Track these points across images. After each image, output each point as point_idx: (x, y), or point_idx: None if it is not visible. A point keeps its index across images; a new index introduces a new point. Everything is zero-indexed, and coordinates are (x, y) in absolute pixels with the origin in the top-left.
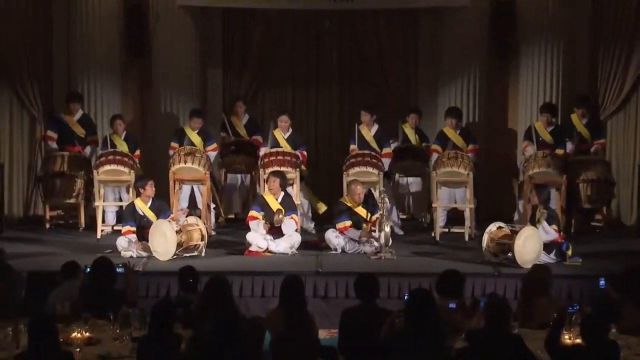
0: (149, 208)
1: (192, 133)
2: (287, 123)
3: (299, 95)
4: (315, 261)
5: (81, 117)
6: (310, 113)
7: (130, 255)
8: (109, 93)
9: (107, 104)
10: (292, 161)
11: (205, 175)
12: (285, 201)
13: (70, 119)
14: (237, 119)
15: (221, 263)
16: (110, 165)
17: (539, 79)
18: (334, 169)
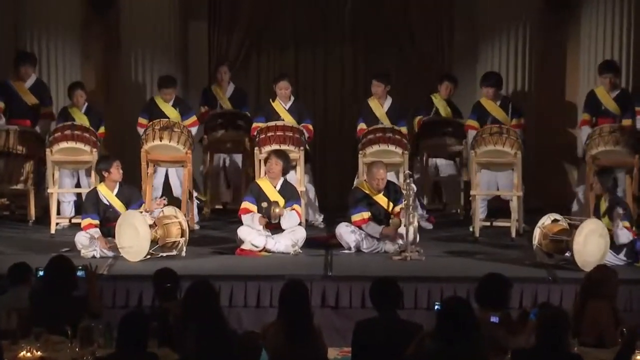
0: (115, 196)
1: (166, 105)
2: (287, 90)
3: (303, 57)
4: (323, 262)
5: (34, 83)
6: (317, 81)
7: (93, 255)
8: (65, 56)
9: (63, 70)
10: (295, 138)
11: (187, 155)
12: (285, 189)
13: (20, 85)
14: (220, 89)
15: (206, 265)
16: (67, 143)
17: (604, 36)
18: (346, 147)
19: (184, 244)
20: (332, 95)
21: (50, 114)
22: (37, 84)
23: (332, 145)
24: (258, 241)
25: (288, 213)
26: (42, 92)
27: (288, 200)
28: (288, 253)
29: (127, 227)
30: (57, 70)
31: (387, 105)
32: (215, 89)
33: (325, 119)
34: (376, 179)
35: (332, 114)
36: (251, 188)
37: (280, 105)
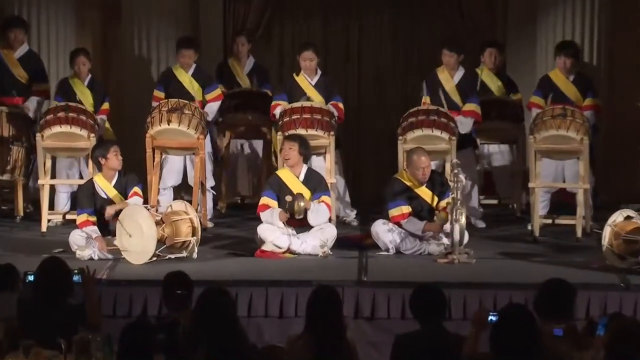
0: (113, 187)
1: (184, 74)
2: (313, 61)
3: (333, 28)
4: (357, 266)
5: (26, 54)
6: (350, 55)
7: (90, 256)
8: (58, 26)
9: (55, 40)
10: (325, 121)
11: (199, 140)
12: (310, 178)
13: (8, 55)
14: (237, 64)
15: (221, 268)
16: (61, 126)
17: None
18: (384, 131)
19: (195, 244)
20: (367, 73)
21: (44, 92)
22: (28, 55)
23: (366, 129)
24: (281, 241)
25: (315, 206)
26: (34, 66)
27: (314, 191)
28: (316, 255)
29: (130, 224)
30: (48, 42)
31: (458, 77)
32: (232, 63)
33: (358, 99)
34: (420, 168)
35: (366, 94)
36: (270, 181)
37: (305, 79)
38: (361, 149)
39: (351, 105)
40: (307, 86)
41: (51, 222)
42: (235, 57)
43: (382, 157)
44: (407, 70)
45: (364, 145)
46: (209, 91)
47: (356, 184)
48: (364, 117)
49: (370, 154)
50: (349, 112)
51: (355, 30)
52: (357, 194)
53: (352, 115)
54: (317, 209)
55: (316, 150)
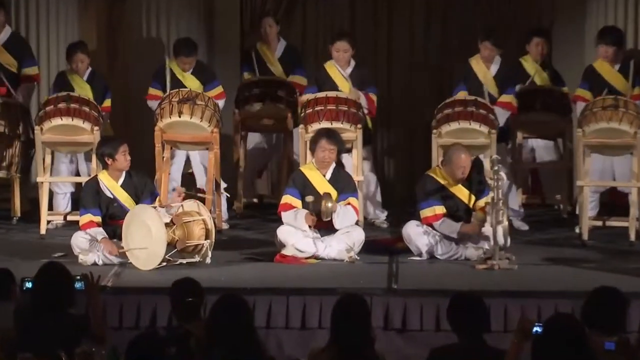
0: (121, 187)
1: (184, 74)
2: (347, 53)
3: (361, 11)
4: (387, 272)
5: (10, 38)
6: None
7: (94, 261)
8: (59, 4)
9: (56, 26)
10: (351, 113)
11: (213, 134)
12: (338, 178)
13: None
14: (267, 48)
15: (237, 274)
16: (62, 119)
17: None
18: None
19: (209, 248)
20: (399, 60)
21: (34, 77)
22: (13, 39)
23: (397, 121)
24: (304, 245)
25: (342, 209)
26: (21, 50)
27: (341, 192)
28: (342, 260)
29: (138, 226)
30: (48, 26)
31: (496, 68)
32: (261, 49)
33: (389, 89)
34: (460, 168)
35: (397, 83)
36: (294, 178)
37: (336, 70)
38: (392, 144)
39: (380, 95)
40: (339, 77)
41: (51, 223)
42: (264, 41)
43: (415, 153)
44: (443, 56)
45: (395, 140)
46: (210, 88)
47: (387, 182)
48: (395, 109)
49: (402, 150)
50: (378, 103)
51: (385, 15)
52: (388, 194)
53: (382, 107)
54: (344, 212)
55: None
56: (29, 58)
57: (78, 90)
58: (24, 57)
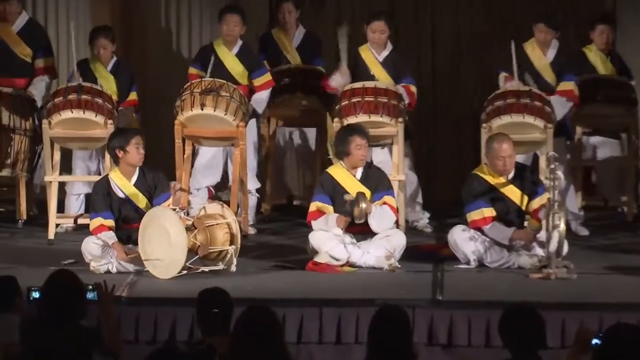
0: (134, 185)
1: (227, 53)
2: (384, 34)
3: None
4: (431, 282)
5: (25, 25)
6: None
7: (107, 269)
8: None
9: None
10: (391, 105)
11: (239, 129)
12: (369, 176)
13: (4, 28)
14: (284, 36)
15: (266, 284)
16: (72, 111)
17: None
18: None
19: (234, 255)
20: (442, 46)
21: (48, 69)
22: (29, 27)
23: (442, 114)
24: (338, 251)
25: (378, 209)
26: (36, 38)
27: (375, 190)
28: (381, 268)
29: (155, 230)
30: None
31: (553, 54)
32: (277, 36)
33: (432, 77)
34: (500, 158)
35: (442, 70)
36: (321, 182)
37: (371, 54)
38: (435, 139)
39: (423, 84)
40: (373, 62)
41: (60, 227)
42: (281, 27)
43: (461, 149)
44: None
45: (439, 135)
46: (257, 75)
47: (430, 181)
48: (440, 100)
49: (446, 146)
50: (421, 93)
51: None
52: (430, 195)
53: (425, 98)
54: (380, 213)
55: (380, 141)
56: (43, 48)
57: (101, 81)
58: (39, 46)
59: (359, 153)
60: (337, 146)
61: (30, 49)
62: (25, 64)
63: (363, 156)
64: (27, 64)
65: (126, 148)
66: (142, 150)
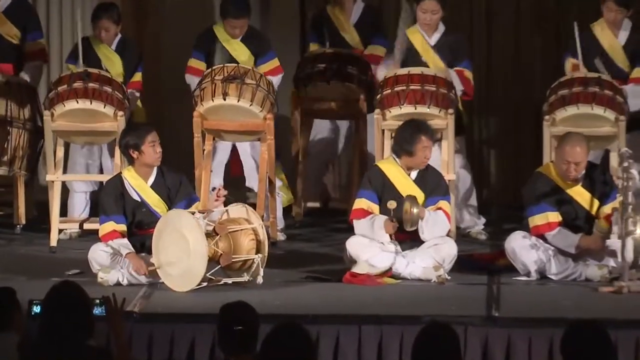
0: (151, 187)
1: (232, 42)
2: (436, 15)
3: None
4: (485, 296)
5: (12, 3)
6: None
7: (117, 280)
8: None
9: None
10: (440, 94)
11: (266, 122)
12: (425, 177)
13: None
14: (340, 12)
15: (297, 298)
16: (78, 101)
17: None
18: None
19: (260, 265)
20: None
21: (39, 53)
22: (15, 4)
23: (499, 105)
24: (380, 260)
25: (431, 215)
26: (24, 17)
27: (430, 194)
28: (429, 280)
29: (171, 237)
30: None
31: (625, 35)
32: (332, 12)
33: (488, 62)
34: (566, 162)
35: (499, 55)
36: (370, 177)
37: (421, 38)
38: (491, 133)
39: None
40: (423, 45)
41: (64, 233)
42: (335, 2)
43: (521, 145)
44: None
45: (496, 129)
46: (263, 61)
47: (485, 182)
48: (496, 88)
49: (504, 141)
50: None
51: None
52: (486, 197)
53: (478, 86)
54: (434, 219)
55: None
56: (33, 29)
57: (104, 61)
58: (27, 27)
59: (422, 155)
60: (398, 142)
61: (18, 30)
62: (13, 47)
63: (427, 158)
64: (14, 48)
65: (141, 147)
66: (158, 149)
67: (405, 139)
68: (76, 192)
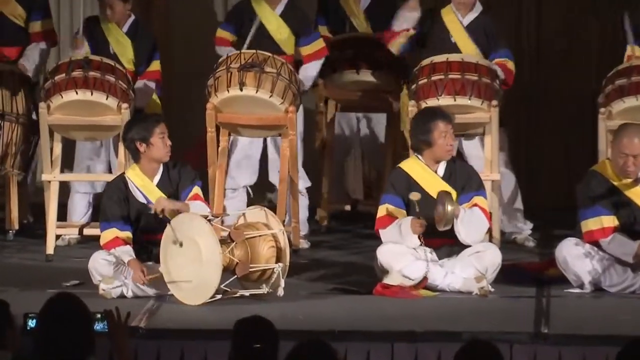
0: (157, 186)
1: (270, 13)
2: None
3: None
4: (534, 310)
5: None
6: None
7: (121, 292)
8: None
9: None
10: (483, 84)
11: (289, 115)
12: (455, 172)
13: None
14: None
15: (322, 312)
16: (78, 92)
17: None
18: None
19: (281, 275)
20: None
21: (46, 35)
22: None
23: (547, 97)
24: (414, 270)
25: (467, 213)
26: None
27: (463, 190)
28: (470, 293)
29: (182, 242)
30: None
31: None
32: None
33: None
34: (622, 155)
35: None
36: (393, 181)
37: (454, 17)
38: (538, 127)
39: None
40: (456, 27)
41: (62, 239)
42: None
43: (572, 140)
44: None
45: (543, 122)
46: (306, 42)
47: (532, 182)
48: (546, 78)
49: (553, 136)
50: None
51: None
52: (534, 199)
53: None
54: (469, 217)
55: (468, 130)
56: (39, 7)
57: (114, 46)
58: (32, 6)
59: (444, 142)
60: (414, 135)
61: (23, 9)
62: (17, 29)
63: (449, 146)
64: (19, 29)
65: (150, 140)
66: (168, 142)
67: (420, 129)
68: (77, 192)
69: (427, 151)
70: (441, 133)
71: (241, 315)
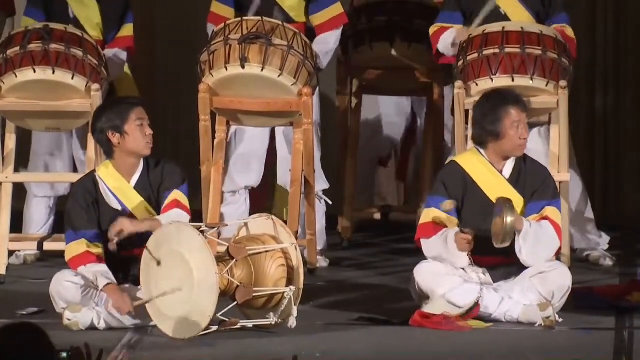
0: (135, 189)
1: None
2: None
3: None
4: (612, 344)
5: None
6: None
7: (92, 323)
8: None
9: None
10: (548, 60)
11: (302, 99)
12: (523, 173)
13: None
14: None
15: (345, 348)
16: (35, 70)
17: None
18: None
19: (293, 301)
20: None
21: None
22: None
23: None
24: (462, 295)
25: (532, 227)
26: None
27: (532, 198)
28: (533, 324)
29: (168, 260)
30: None
31: None
32: None
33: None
34: None
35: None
36: (444, 177)
37: None
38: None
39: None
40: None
41: (16, 255)
42: None
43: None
44: None
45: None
46: (319, 7)
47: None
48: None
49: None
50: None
51: None
52: (611, 207)
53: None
54: (535, 233)
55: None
56: None
57: (76, 10)
58: None
59: (515, 134)
60: (478, 124)
61: None
62: None
63: (524, 139)
64: None
65: (124, 128)
66: (148, 130)
67: (487, 116)
68: (35, 196)
69: (493, 144)
70: (513, 122)
71: (243, 353)
